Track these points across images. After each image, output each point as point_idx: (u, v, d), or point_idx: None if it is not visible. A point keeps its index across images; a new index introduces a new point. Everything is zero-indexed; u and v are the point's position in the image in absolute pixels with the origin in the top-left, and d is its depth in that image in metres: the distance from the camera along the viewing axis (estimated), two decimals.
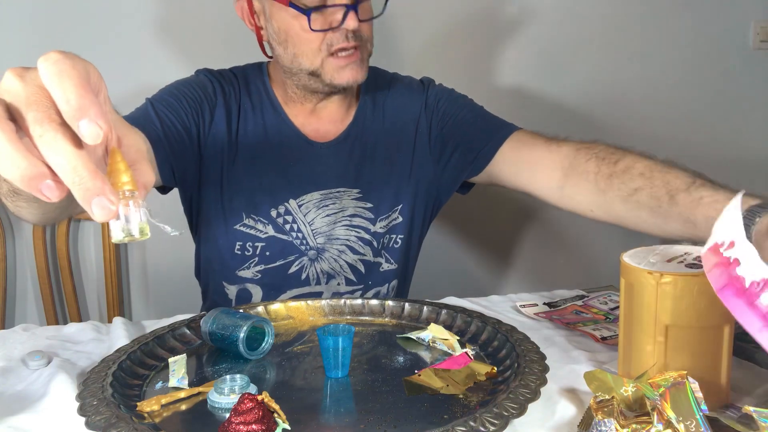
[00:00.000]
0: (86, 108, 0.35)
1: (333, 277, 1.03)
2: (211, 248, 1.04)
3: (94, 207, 0.36)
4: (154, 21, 1.39)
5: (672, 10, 1.72)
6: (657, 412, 0.47)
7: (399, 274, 1.08)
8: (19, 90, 0.36)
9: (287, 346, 0.76)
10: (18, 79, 0.37)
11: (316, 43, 0.90)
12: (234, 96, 1.01)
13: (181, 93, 0.97)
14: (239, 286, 1.02)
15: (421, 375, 0.65)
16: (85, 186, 0.35)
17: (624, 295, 0.63)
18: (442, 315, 0.81)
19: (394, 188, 1.06)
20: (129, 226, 0.38)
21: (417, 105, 1.07)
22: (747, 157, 1.86)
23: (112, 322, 0.85)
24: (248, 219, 0.99)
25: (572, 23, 1.65)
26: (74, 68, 0.36)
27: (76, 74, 0.36)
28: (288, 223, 1.00)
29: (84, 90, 0.35)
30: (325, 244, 1.02)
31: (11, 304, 1.39)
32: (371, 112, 1.06)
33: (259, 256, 1.00)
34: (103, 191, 0.36)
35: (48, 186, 0.36)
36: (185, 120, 0.96)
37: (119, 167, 0.38)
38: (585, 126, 1.70)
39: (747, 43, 1.80)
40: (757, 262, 0.45)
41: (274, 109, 1.02)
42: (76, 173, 0.35)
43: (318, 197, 1.01)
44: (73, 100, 0.35)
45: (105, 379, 0.61)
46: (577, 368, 0.69)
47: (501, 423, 0.52)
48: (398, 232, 1.07)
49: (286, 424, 0.54)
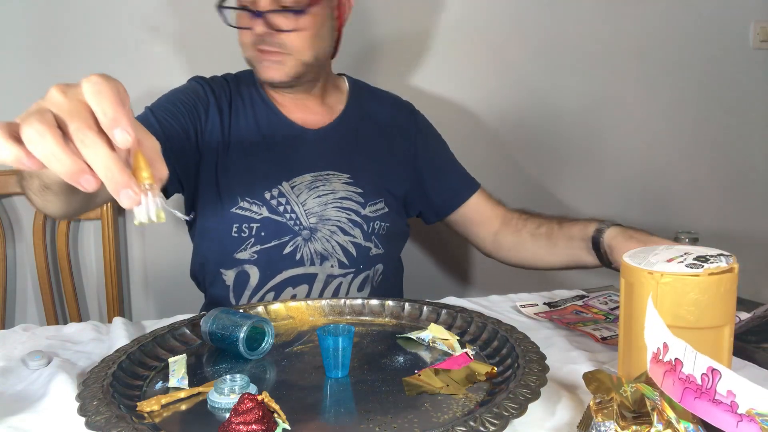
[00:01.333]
0: (119, 119, 0.45)
1: (326, 258, 1.07)
2: (209, 239, 1.09)
3: (122, 196, 0.45)
4: (158, 27, 1.39)
5: (672, 10, 1.72)
6: (657, 412, 0.46)
7: (384, 258, 1.14)
8: (63, 103, 0.46)
9: (287, 346, 0.76)
10: (62, 95, 0.46)
11: (247, 38, 1.03)
12: (225, 96, 1.10)
13: (176, 99, 1.06)
14: (237, 269, 1.06)
15: (421, 375, 0.65)
16: (116, 180, 0.45)
17: (624, 295, 0.63)
18: (442, 315, 0.81)
19: (379, 181, 1.13)
20: (149, 211, 0.48)
21: (409, 124, 1.21)
22: (747, 157, 1.87)
23: (112, 322, 0.86)
24: (243, 202, 1.05)
25: (572, 23, 1.65)
26: (109, 88, 0.45)
27: (111, 93, 0.45)
28: (282, 204, 1.06)
29: (117, 105, 0.45)
30: (317, 224, 1.07)
31: (11, 304, 1.39)
32: (359, 111, 1.17)
33: (255, 237, 1.05)
34: (129, 184, 0.45)
35: (86, 179, 0.45)
36: (183, 122, 1.04)
37: (141, 165, 0.48)
38: (584, 126, 1.71)
39: (747, 43, 1.80)
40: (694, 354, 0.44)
41: (264, 103, 1.11)
42: (109, 170, 0.45)
43: (309, 179, 1.08)
44: (110, 113, 0.45)
45: (105, 379, 0.61)
46: (577, 368, 0.69)
47: (501, 423, 0.52)
48: (384, 220, 1.12)
49: (286, 424, 0.54)
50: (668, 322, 0.57)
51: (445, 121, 1.59)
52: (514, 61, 1.63)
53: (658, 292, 0.58)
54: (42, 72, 1.34)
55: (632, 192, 1.76)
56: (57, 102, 0.46)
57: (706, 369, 0.43)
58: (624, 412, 0.48)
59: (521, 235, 1.13)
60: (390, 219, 1.13)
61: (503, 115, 1.64)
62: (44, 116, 0.45)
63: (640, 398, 0.49)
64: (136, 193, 0.46)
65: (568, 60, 1.66)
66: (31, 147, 0.44)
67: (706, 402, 0.44)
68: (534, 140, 1.67)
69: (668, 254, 0.62)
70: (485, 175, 1.64)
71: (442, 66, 1.58)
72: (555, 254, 1.07)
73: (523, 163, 1.68)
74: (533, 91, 1.65)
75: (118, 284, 1.38)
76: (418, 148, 1.20)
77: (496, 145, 1.65)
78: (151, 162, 0.49)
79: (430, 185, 1.19)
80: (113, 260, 1.36)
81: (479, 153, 1.64)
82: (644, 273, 0.59)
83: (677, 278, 0.57)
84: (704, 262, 0.58)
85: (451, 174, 1.21)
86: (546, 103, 1.66)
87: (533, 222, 1.12)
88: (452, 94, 1.60)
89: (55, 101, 0.46)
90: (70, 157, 0.44)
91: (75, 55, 1.35)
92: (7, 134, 0.45)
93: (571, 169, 1.71)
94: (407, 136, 1.19)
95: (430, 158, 1.20)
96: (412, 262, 1.58)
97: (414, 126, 1.21)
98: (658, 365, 0.48)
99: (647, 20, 1.71)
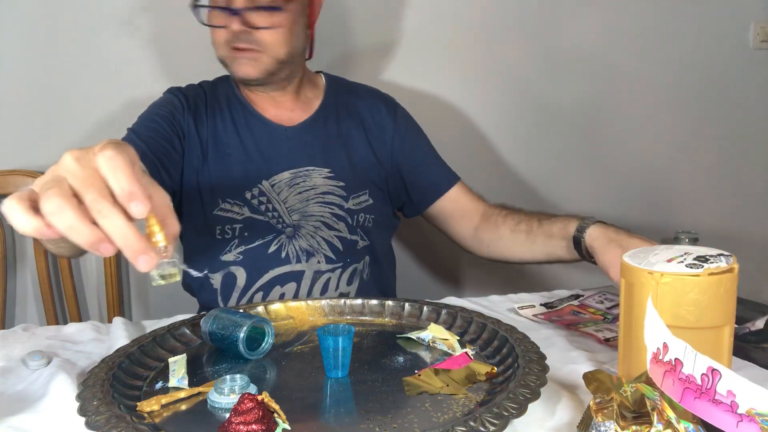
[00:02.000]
0: (135, 193, 0.46)
1: (312, 254, 1.07)
2: (193, 244, 1.10)
3: (140, 262, 0.47)
4: (145, 36, 1.38)
5: (672, 10, 1.72)
6: (657, 412, 0.46)
7: (371, 250, 1.14)
8: (77, 172, 0.47)
9: (287, 346, 0.76)
10: (76, 163, 0.48)
11: (221, 36, 1.03)
12: (201, 102, 1.12)
13: (155, 114, 1.08)
14: (223, 271, 1.06)
15: (421, 375, 0.65)
16: (132, 248, 0.47)
17: (624, 295, 0.63)
18: (442, 315, 0.81)
19: (362, 173, 1.13)
20: (163, 272, 0.50)
21: (388, 119, 1.19)
22: (747, 157, 1.86)
23: (112, 322, 0.86)
24: (224, 203, 1.06)
25: (572, 23, 1.65)
26: (123, 161, 0.47)
27: (125, 166, 0.47)
28: (263, 204, 1.06)
29: (132, 179, 0.47)
30: (300, 221, 1.07)
31: (11, 304, 1.39)
32: (336, 105, 1.17)
33: (239, 238, 1.05)
34: (146, 251, 0.47)
35: (105, 247, 0.47)
36: (167, 134, 1.06)
37: (154, 229, 0.50)
38: (584, 126, 1.71)
39: (747, 43, 1.80)
40: (694, 354, 0.44)
41: (241, 104, 1.12)
42: (126, 238, 0.46)
43: (288, 176, 1.08)
44: (126, 187, 0.46)
45: (105, 379, 0.61)
46: (577, 368, 0.69)
47: (501, 423, 0.52)
48: (369, 212, 1.13)
49: (286, 424, 0.54)
50: (668, 322, 0.57)
51: (445, 121, 1.59)
52: (513, 61, 1.63)
53: (658, 292, 0.58)
54: (34, 74, 1.34)
55: (632, 192, 1.76)
56: (72, 170, 0.48)
57: (706, 369, 0.43)
58: (624, 412, 0.48)
59: (501, 231, 1.13)
60: (375, 210, 1.13)
61: (503, 115, 1.64)
62: (62, 187, 0.46)
63: (640, 398, 0.49)
64: (153, 257, 0.47)
65: (567, 60, 1.66)
66: (52, 219, 0.46)
67: (706, 402, 0.44)
68: (534, 140, 1.67)
69: (668, 254, 0.62)
70: (483, 176, 1.64)
71: (432, 65, 1.58)
72: (533, 251, 1.08)
73: (522, 163, 1.67)
74: (532, 92, 1.65)
75: (118, 284, 1.38)
76: (395, 140, 1.18)
77: (496, 145, 1.65)
78: (162, 219, 0.51)
79: (409, 179, 1.19)
80: (113, 260, 1.36)
81: (478, 153, 1.64)
82: (644, 273, 0.59)
83: (677, 278, 0.57)
84: (704, 262, 0.58)
85: (429, 167, 1.21)
86: (545, 103, 1.66)
87: (513, 218, 1.12)
88: (453, 95, 1.60)
89: (70, 169, 0.48)
90: (89, 229, 0.46)
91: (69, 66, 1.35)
92: (27, 206, 0.47)
93: (571, 169, 1.71)
94: (385, 128, 1.18)
95: (409, 151, 1.19)
96: (404, 263, 1.58)
97: (392, 119, 1.19)
98: (658, 365, 0.48)
99: (647, 20, 1.71)
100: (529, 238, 1.08)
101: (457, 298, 0.95)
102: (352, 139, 1.15)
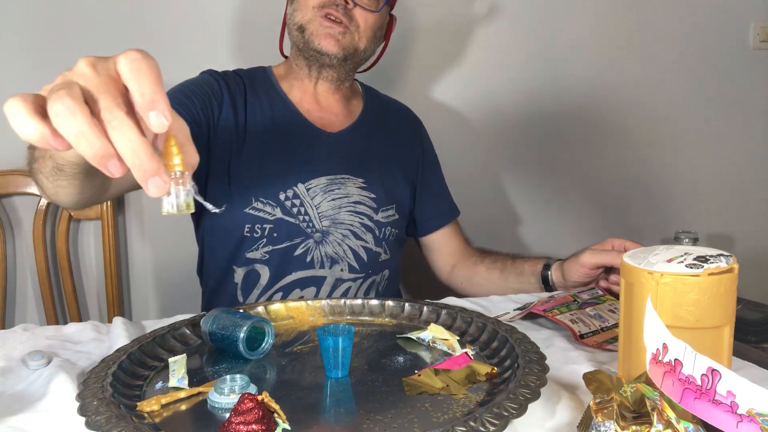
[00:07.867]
0: (158, 102, 0.41)
1: (336, 262, 1.07)
2: (219, 237, 1.08)
3: (150, 185, 0.41)
4: (165, 24, 1.39)
5: (672, 10, 1.72)
6: (657, 412, 0.46)
7: (390, 264, 1.15)
8: (91, 77, 0.41)
9: (287, 346, 0.76)
10: (90, 68, 0.42)
11: (314, 1, 1.02)
12: (239, 92, 1.08)
13: (189, 90, 1.03)
14: (248, 267, 1.05)
15: (421, 375, 0.65)
16: (144, 167, 0.40)
17: (624, 295, 0.63)
18: (442, 315, 0.81)
19: (390, 188, 1.14)
20: (178, 201, 0.44)
21: (416, 141, 1.23)
22: (747, 157, 1.87)
23: (112, 322, 0.85)
24: (257, 202, 1.04)
25: (572, 23, 1.65)
26: (150, 67, 0.41)
27: (151, 72, 0.41)
28: (296, 206, 1.05)
29: (157, 86, 0.41)
30: (330, 228, 1.07)
31: (11, 304, 1.39)
32: (374, 117, 1.18)
33: (267, 237, 1.04)
34: (158, 172, 0.41)
35: (114, 164, 0.41)
36: (196, 114, 1.01)
37: (172, 150, 0.44)
38: (584, 126, 1.71)
39: (747, 43, 1.80)
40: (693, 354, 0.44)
41: (282, 100, 1.10)
42: (137, 156, 0.40)
43: (325, 182, 1.07)
44: (148, 94, 0.40)
45: (105, 379, 0.61)
46: (577, 368, 0.69)
47: (501, 423, 0.52)
48: (394, 226, 1.13)
49: (286, 424, 0.54)
50: (668, 323, 0.57)
51: (445, 122, 1.59)
52: (513, 61, 1.63)
53: (657, 293, 0.58)
54: (34, 74, 1.34)
55: (632, 192, 1.76)
56: (86, 75, 0.42)
57: (705, 369, 0.43)
58: (624, 412, 0.48)
59: (477, 270, 1.20)
60: (398, 225, 1.15)
61: (502, 115, 1.64)
62: (73, 90, 0.40)
63: (640, 398, 0.49)
64: (166, 182, 0.42)
65: (567, 60, 1.66)
66: (59, 124, 0.40)
67: (706, 402, 0.43)
68: (533, 140, 1.67)
69: (668, 254, 0.62)
70: (483, 176, 1.64)
71: (432, 68, 1.58)
72: (505, 287, 1.14)
73: (522, 163, 1.68)
74: (531, 92, 1.65)
75: (118, 284, 1.38)
76: (419, 165, 1.22)
77: (495, 145, 1.65)
78: (181, 146, 0.45)
79: (418, 202, 1.22)
80: (113, 260, 1.36)
81: (478, 153, 1.64)
82: (644, 273, 0.59)
83: (677, 278, 0.57)
84: (704, 262, 0.58)
85: (438, 197, 1.25)
86: (545, 104, 1.66)
87: (489, 258, 1.20)
88: (451, 95, 1.60)
89: (84, 74, 0.42)
90: (100, 139, 0.40)
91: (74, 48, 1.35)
92: (33, 109, 0.40)
93: (571, 169, 1.71)
94: (413, 151, 1.21)
95: (425, 176, 1.23)
96: (404, 263, 1.58)
97: (419, 142, 1.23)
98: (658, 366, 0.48)
99: (647, 20, 1.71)
100: (503, 275, 1.15)
101: (457, 298, 0.95)
102: (383, 154, 1.16)
